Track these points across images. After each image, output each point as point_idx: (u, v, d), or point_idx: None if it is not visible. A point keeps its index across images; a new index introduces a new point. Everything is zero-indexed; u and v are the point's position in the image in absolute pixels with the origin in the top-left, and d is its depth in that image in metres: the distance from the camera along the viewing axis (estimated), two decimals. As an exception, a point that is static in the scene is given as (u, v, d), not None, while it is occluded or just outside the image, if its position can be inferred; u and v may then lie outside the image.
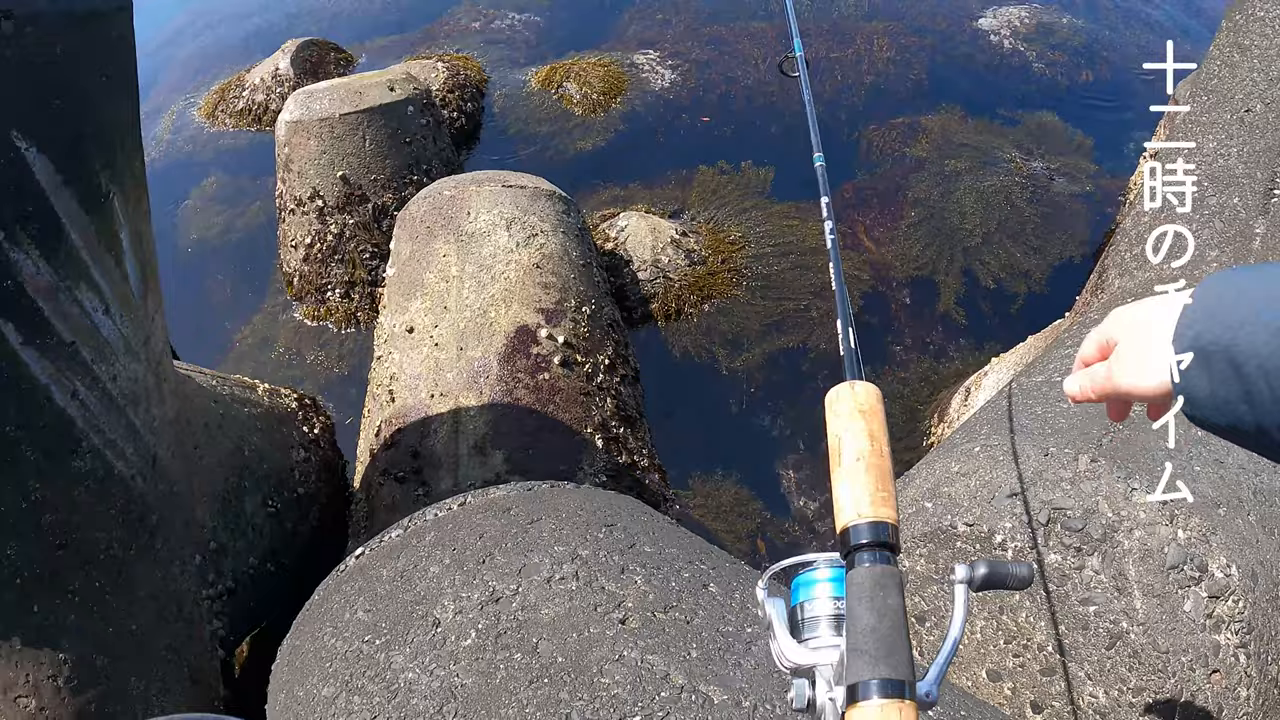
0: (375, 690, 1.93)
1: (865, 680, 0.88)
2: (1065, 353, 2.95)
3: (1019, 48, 6.72)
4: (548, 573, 2.08)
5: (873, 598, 0.93)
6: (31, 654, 2.21)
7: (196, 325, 5.27)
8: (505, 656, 1.90)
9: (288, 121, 4.90)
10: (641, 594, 2.01)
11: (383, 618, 2.11)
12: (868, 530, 0.98)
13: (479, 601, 2.04)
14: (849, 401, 1.08)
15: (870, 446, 1.04)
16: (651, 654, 1.85)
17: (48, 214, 2.26)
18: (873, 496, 1.00)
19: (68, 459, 2.35)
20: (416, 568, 2.22)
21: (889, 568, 0.96)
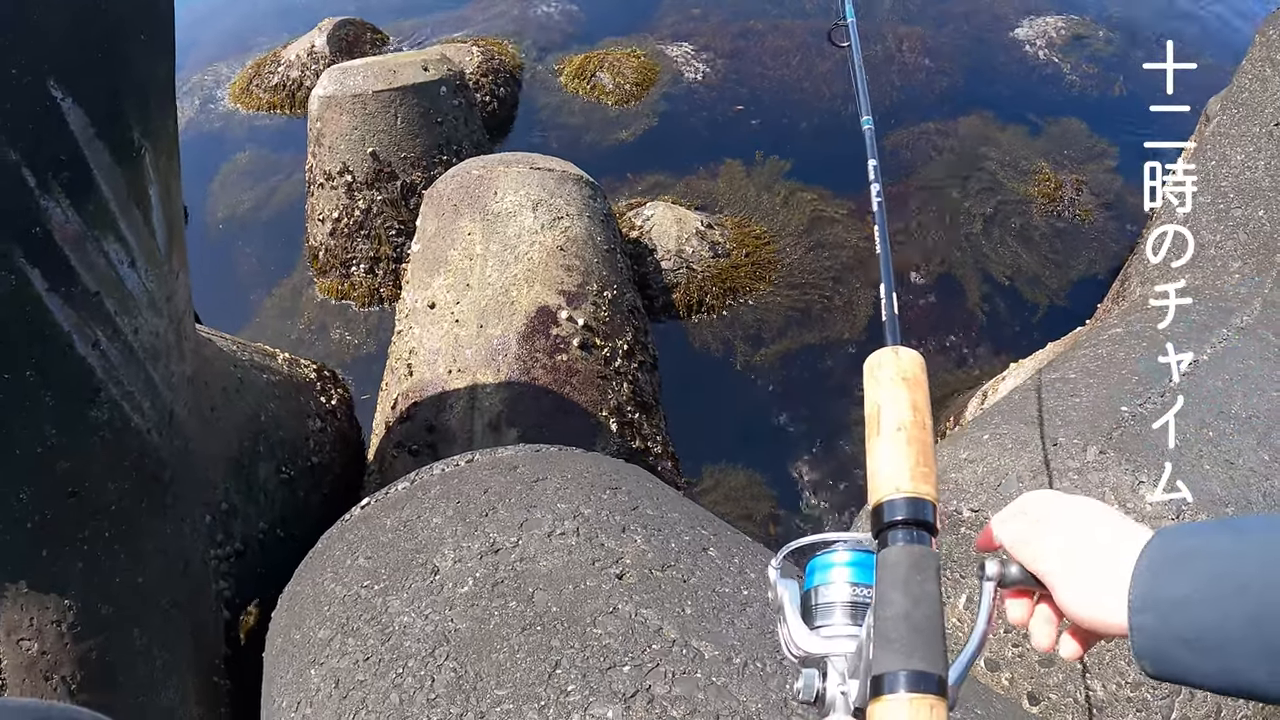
0: (370, 633, 1.94)
1: (894, 672, 0.79)
2: (1084, 353, 2.95)
3: (1053, 58, 6.68)
4: (549, 528, 2.08)
5: (908, 581, 0.85)
6: (37, 598, 2.23)
7: (222, 293, 5.29)
8: (500, 604, 1.90)
9: (321, 96, 4.92)
10: (640, 552, 2.02)
11: (383, 564, 2.12)
12: (905, 506, 0.90)
13: (479, 551, 2.05)
14: (892, 368, 1.02)
15: (913, 417, 0.96)
16: (646, 608, 1.86)
17: (80, 164, 2.27)
18: (913, 471, 0.92)
19: (85, 408, 2.36)
20: (419, 518, 2.23)
21: (927, 549, 0.88)
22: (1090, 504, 1.00)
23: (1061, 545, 0.97)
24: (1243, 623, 0.83)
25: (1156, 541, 0.92)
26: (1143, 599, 0.90)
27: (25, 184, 2.14)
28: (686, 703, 1.66)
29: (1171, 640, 0.87)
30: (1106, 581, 0.93)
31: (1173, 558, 0.90)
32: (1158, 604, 0.89)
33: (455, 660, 1.80)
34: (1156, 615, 0.88)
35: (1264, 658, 0.82)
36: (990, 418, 2.72)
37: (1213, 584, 0.85)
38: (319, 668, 1.94)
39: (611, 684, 1.70)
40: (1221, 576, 0.86)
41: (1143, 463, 2.22)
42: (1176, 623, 0.87)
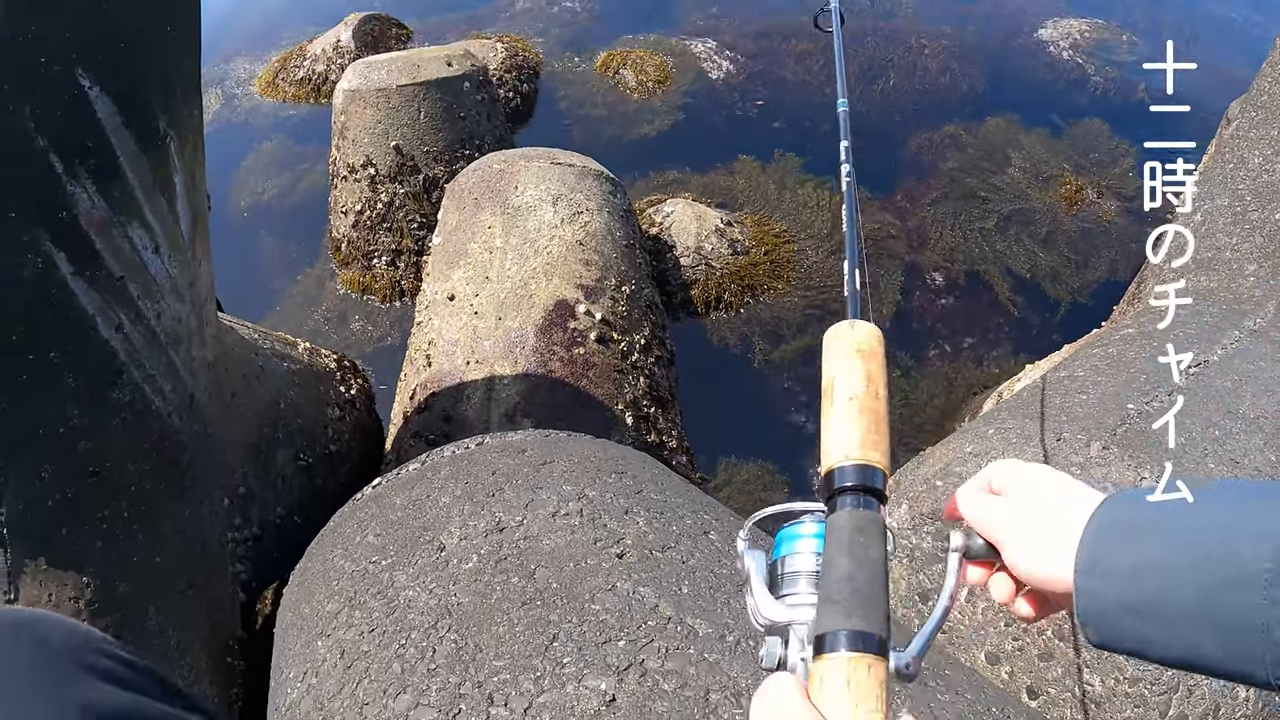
0: (376, 605, 1.99)
1: (834, 631, 0.81)
2: (1095, 352, 2.96)
3: (1077, 60, 6.68)
4: (554, 508, 2.13)
5: (852, 544, 0.87)
6: (56, 575, 2.27)
7: (245, 283, 5.35)
8: (503, 580, 1.95)
9: (345, 90, 4.97)
10: (641, 533, 2.06)
11: (391, 541, 2.17)
12: (853, 473, 0.93)
13: (484, 530, 2.09)
14: (847, 340, 1.05)
15: (865, 387, 1.00)
16: (643, 586, 1.90)
17: (106, 152, 2.32)
18: (863, 439, 0.95)
19: (107, 390, 2.40)
20: (429, 498, 2.28)
21: (872, 514, 0.91)
22: (1046, 472, 1.03)
23: (1014, 510, 1.01)
24: (1196, 594, 0.83)
25: (1107, 506, 0.94)
26: (1090, 564, 0.91)
27: (53, 170, 2.19)
28: (678, 676, 1.70)
29: (1118, 607, 0.89)
30: (1055, 544, 0.95)
31: (1124, 524, 0.92)
32: (1106, 570, 0.90)
33: (456, 632, 1.84)
34: (1105, 581, 0.90)
35: (1215, 630, 0.83)
36: (997, 414, 2.74)
37: (1170, 554, 0.86)
38: (326, 639, 1.98)
39: (606, 657, 1.74)
40: (1180, 548, 0.86)
41: (1145, 459, 2.23)
42: (1125, 590, 0.88)
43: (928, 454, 2.80)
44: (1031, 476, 1.04)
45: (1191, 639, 0.85)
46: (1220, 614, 0.82)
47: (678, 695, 1.67)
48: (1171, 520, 0.89)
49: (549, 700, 1.67)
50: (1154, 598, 0.86)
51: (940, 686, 1.78)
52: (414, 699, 1.74)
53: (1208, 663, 0.85)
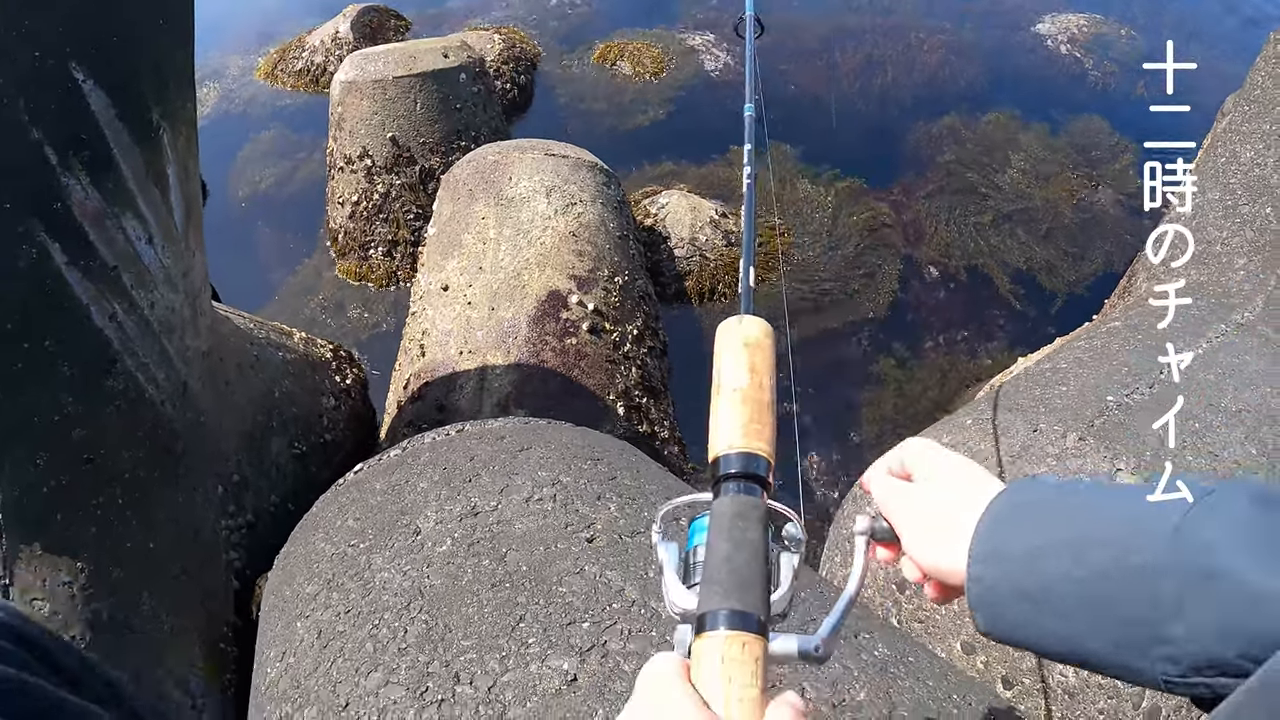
0: (353, 587, 2.04)
1: (714, 611, 0.84)
2: (1079, 344, 2.98)
3: (1075, 54, 6.70)
4: (528, 493, 2.18)
5: (731, 528, 0.90)
6: (50, 560, 2.31)
7: (242, 272, 5.38)
8: (474, 562, 2.00)
9: (342, 81, 5.00)
10: (612, 519, 2.10)
11: (369, 525, 2.22)
12: (736, 460, 0.97)
13: (459, 514, 2.15)
14: (735, 334, 1.08)
15: (749, 379, 1.03)
16: (611, 570, 1.94)
17: (100, 144, 2.35)
18: (745, 428, 0.99)
19: (101, 378, 2.44)
20: (408, 483, 2.33)
21: (753, 499, 0.94)
22: (956, 462, 1.04)
23: (916, 500, 1.03)
24: (1092, 577, 0.83)
25: (1006, 494, 0.95)
26: (984, 550, 0.92)
27: (47, 161, 2.22)
28: (639, 658, 1.74)
29: (1012, 593, 0.89)
30: (951, 536, 0.97)
31: (1022, 508, 0.93)
32: (1001, 557, 0.91)
33: (427, 613, 1.90)
34: (998, 567, 0.91)
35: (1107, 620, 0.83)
36: (976, 405, 2.76)
37: (1068, 537, 0.86)
38: (304, 620, 2.03)
39: (570, 638, 1.78)
40: (1080, 529, 0.87)
41: (1121, 450, 2.25)
42: (1019, 576, 0.88)
43: (904, 444, 2.83)
44: (941, 465, 1.05)
45: (1083, 627, 0.85)
46: (1113, 603, 0.83)
47: (637, 675, 1.71)
48: (1071, 504, 0.90)
49: (512, 679, 1.72)
50: (1047, 584, 0.87)
51: (901, 673, 1.82)
52: (384, 677, 1.79)
53: (1097, 656, 0.85)
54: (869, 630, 1.93)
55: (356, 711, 1.77)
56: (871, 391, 4.47)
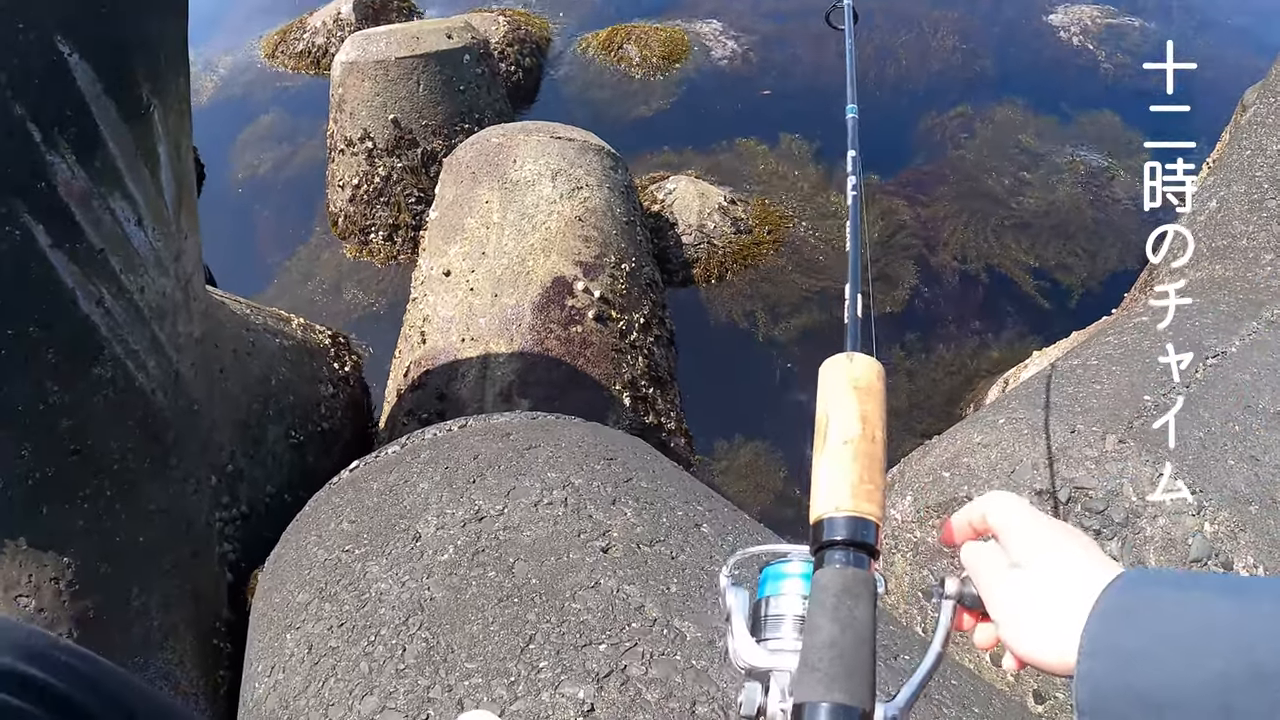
0: (347, 598, 1.92)
1: (815, 703, 0.75)
2: (1108, 340, 2.88)
3: (1087, 46, 6.58)
4: (537, 496, 2.05)
5: (838, 606, 0.81)
6: (36, 555, 2.22)
7: (241, 257, 5.30)
8: (479, 574, 1.87)
9: (343, 62, 4.90)
10: (629, 525, 1.97)
11: (365, 529, 2.10)
12: (844, 526, 0.86)
13: (462, 519, 2.02)
14: (843, 375, 0.97)
15: (861, 430, 0.92)
16: (629, 584, 1.81)
17: (86, 120, 2.26)
18: (855, 488, 0.88)
19: (88, 366, 2.35)
20: (406, 483, 2.21)
21: (862, 572, 0.84)
22: (1052, 537, 0.91)
23: (1016, 588, 0.91)
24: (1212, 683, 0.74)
25: (1120, 588, 0.84)
26: (1095, 647, 0.81)
27: (31, 139, 2.13)
28: (662, 686, 1.62)
29: (1122, 693, 0.79)
30: (1054, 625, 0.86)
31: (1140, 602, 0.82)
32: (1114, 653, 0.80)
33: (428, 630, 1.77)
34: (1110, 664, 0.80)
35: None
36: (1007, 402, 2.66)
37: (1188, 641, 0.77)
38: (294, 632, 1.92)
39: (585, 662, 1.66)
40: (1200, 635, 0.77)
41: (1164, 454, 2.15)
42: (1133, 675, 0.78)
43: (933, 443, 2.73)
44: (1040, 543, 0.92)
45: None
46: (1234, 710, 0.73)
47: (661, 707, 1.59)
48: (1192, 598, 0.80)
49: (522, 709, 1.59)
50: (1162, 685, 0.77)
51: (946, 699, 1.72)
52: (380, 702, 1.67)
53: None
54: (908, 651, 1.83)
55: (350, 739, 1.66)
56: (882, 382, 4.37)
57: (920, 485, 2.48)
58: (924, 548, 2.42)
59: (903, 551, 2.48)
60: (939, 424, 4.12)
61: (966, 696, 1.79)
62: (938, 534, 2.39)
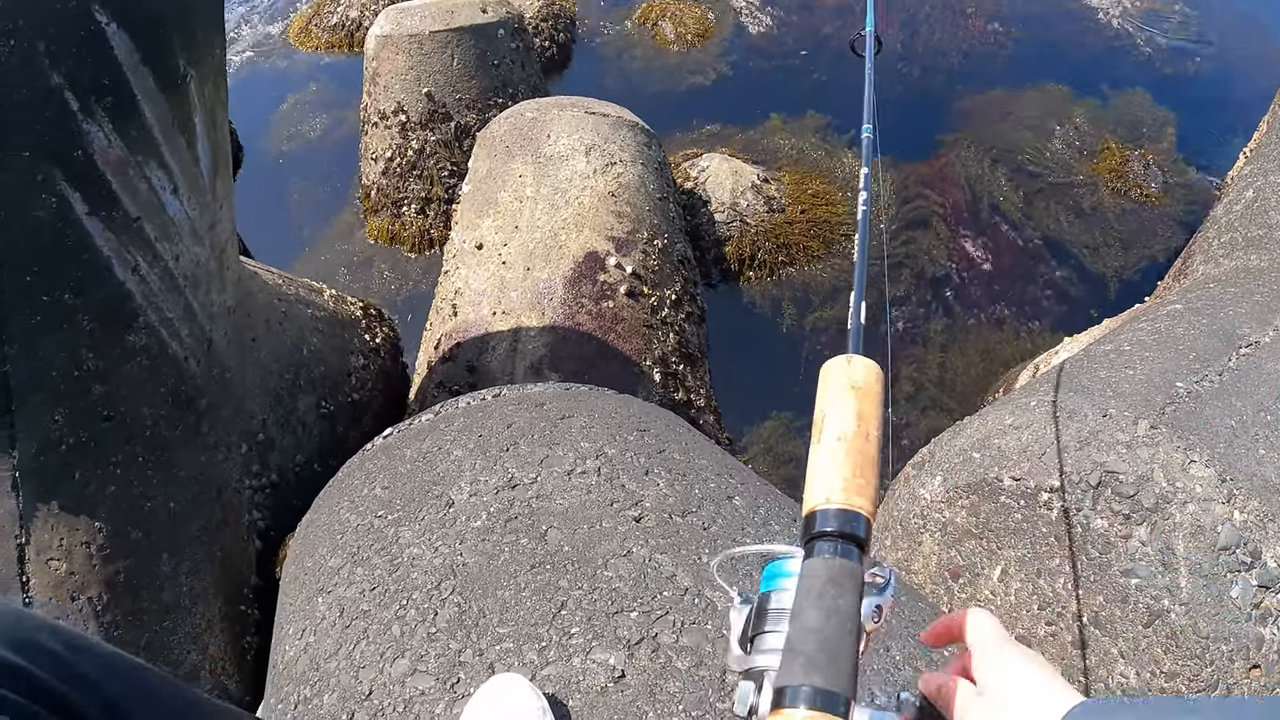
0: (379, 563, 1.93)
1: (795, 686, 0.77)
2: (1141, 326, 2.85)
3: (1126, 28, 6.50)
4: (570, 465, 2.06)
5: (822, 594, 0.83)
6: (68, 519, 2.25)
7: (274, 229, 5.31)
8: (511, 540, 1.88)
9: (377, 36, 4.90)
10: (661, 496, 1.98)
11: (398, 495, 2.11)
12: (834, 518, 0.89)
13: (495, 486, 2.03)
14: (842, 375, 1.00)
15: (855, 428, 0.95)
16: (661, 553, 1.82)
17: (123, 89, 2.27)
18: (847, 482, 0.91)
19: (122, 333, 2.37)
20: (440, 450, 2.22)
21: (850, 564, 0.86)
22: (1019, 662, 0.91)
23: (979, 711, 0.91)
24: None
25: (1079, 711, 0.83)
26: None
27: (68, 107, 2.14)
28: (693, 654, 1.63)
29: None
30: None
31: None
32: None
33: (460, 594, 1.79)
34: None
35: None
36: (1039, 385, 2.63)
37: None
38: (326, 595, 1.94)
39: (617, 629, 1.67)
40: None
41: (1195, 441, 2.13)
42: None
43: (964, 424, 2.72)
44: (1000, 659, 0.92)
45: None
46: None
47: (692, 675, 1.60)
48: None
49: (553, 673, 1.61)
50: None
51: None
52: (411, 664, 1.69)
53: None
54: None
55: (380, 701, 1.67)
56: (913, 366, 4.36)
57: (950, 465, 2.47)
58: (952, 528, 2.41)
59: (931, 531, 2.47)
60: (969, 407, 4.10)
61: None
62: (966, 515, 2.39)
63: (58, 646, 0.94)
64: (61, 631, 0.97)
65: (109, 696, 0.95)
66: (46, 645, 0.93)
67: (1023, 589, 2.27)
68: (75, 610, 2.24)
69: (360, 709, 1.69)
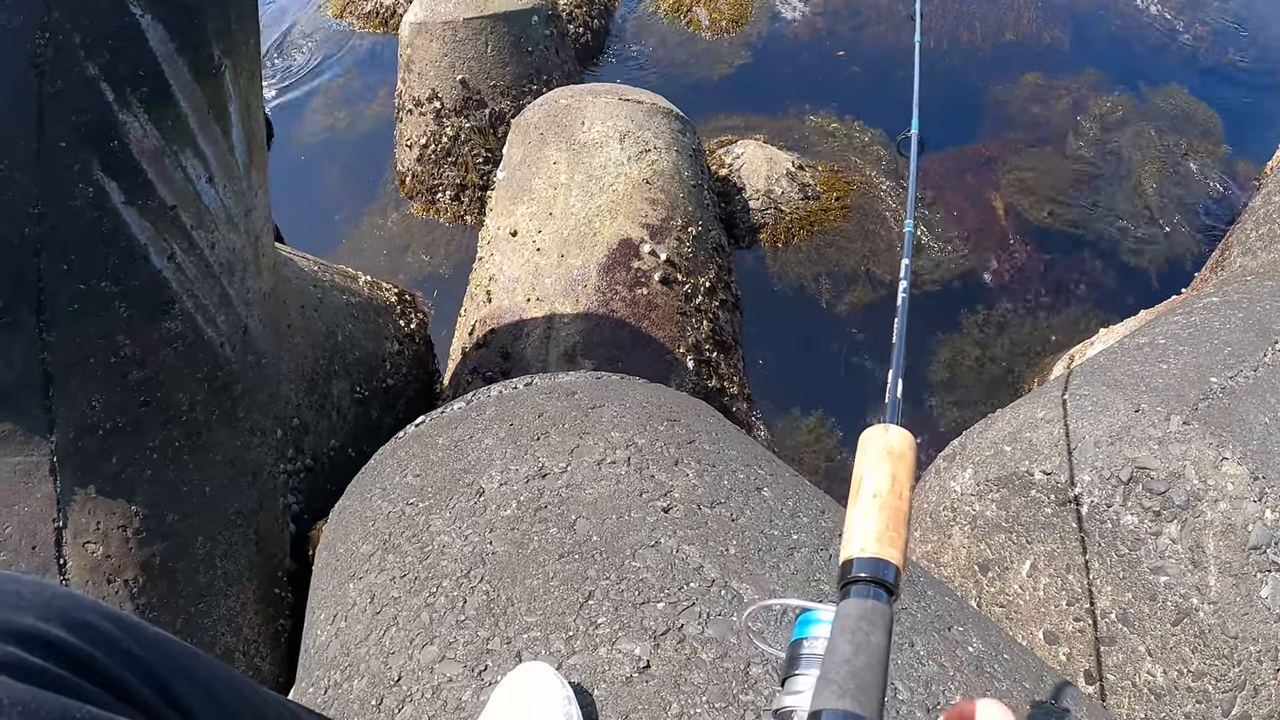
0: (410, 550, 1.96)
1: (830, 709, 0.84)
2: (1176, 319, 2.82)
3: (1165, 16, 6.42)
4: (600, 455, 2.07)
5: (855, 630, 0.91)
6: (105, 503, 2.28)
7: (310, 216, 5.35)
8: (541, 529, 1.90)
9: (411, 23, 4.92)
10: (690, 486, 2.00)
11: (430, 483, 2.13)
12: (868, 565, 0.98)
13: (525, 475, 2.05)
14: (879, 442, 1.10)
15: (890, 488, 1.05)
16: (689, 544, 1.84)
17: (159, 80, 2.29)
18: (880, 535, 1.01)
19: (159, 319, 2.40)
20: (471, 438, 2.24)
21: (880, 606, 0.94)
22: None
23: None
24: None
25: None
26: None
27: (104, 98, 2.17)
28: (718, 645, 1.64)
29: None
30: None
31: None
32: None
33: (489, 583, 1.81)
34: None
35: None
36: (1071, 378, 2.62)
37: None
38: (357, 582, 1.96)
39: (643, 619, 1.69)
40: None
41: (1228, 437, 2.11)
42: None
43: (996, 416, 2.71)
44: None
45: None
46: None
47: (716, 666, 1.61)
48: None
49: (579, 663, 1.63)
50: None
51: (997, 672, 1.71)
52: (440, 651, 1.71)
53: None
54: (961, 623, 1.83)
55: (409, 687, 1.70)
56: (946, 356, 4.34)
57: (981, 458, 2.46)
58: (982, 521, 2.40)
59: (960, 524, 2.47)
60: (1003, 398, 4.08)
61: (1018, 670, 1.78)
62: (996, 508, 2.38)
63: (108, 626, 0.96)
64: (109, 612, 0.99)
65: (158, 676, 0.97)
66: (91, 621, 0.95)
67: (1051, 584, 2.26)
68: (111, 593, 2.27)
69: (389, 694, 1.71)
